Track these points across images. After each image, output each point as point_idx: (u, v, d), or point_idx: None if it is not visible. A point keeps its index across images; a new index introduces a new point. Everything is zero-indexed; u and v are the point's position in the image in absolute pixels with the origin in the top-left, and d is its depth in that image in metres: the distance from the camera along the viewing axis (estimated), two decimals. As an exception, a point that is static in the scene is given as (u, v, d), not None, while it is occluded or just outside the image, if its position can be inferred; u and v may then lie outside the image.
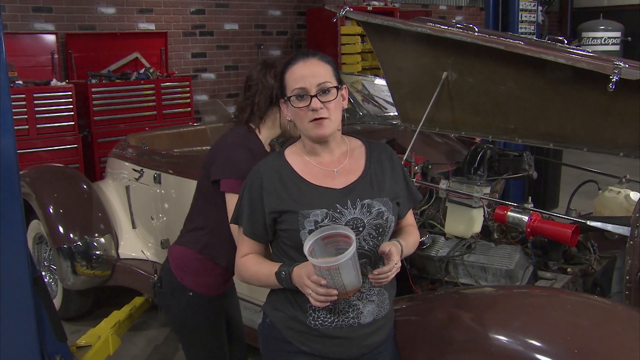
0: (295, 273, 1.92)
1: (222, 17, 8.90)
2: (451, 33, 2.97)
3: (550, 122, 2.96)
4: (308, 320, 2.01)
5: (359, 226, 1.98)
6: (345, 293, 1.86)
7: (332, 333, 2.01)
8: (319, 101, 1.95)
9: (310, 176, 2.04)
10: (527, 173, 3.50)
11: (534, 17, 6.29)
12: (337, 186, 2.02)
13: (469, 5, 12.67)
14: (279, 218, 2.01)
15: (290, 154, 2.10)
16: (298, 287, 1.91)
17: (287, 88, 2.02)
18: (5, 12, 6.95)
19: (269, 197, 2.01)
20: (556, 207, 6.16)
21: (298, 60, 2.02)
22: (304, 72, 1.99)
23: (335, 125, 2.01)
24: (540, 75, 2.82)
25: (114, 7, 7.86)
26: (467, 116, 3.27)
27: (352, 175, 2.06)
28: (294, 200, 1.98)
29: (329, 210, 1.96)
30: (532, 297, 2.25)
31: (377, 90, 4.49)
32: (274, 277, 1.98)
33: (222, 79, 9.04)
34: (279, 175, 2.03)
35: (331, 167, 2.06)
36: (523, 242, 2.94)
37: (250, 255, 2.10)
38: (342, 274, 1.79)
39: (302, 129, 2.03)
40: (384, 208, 2.02)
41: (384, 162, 2.12)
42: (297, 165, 2.06)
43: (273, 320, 2.10)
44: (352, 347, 2.04)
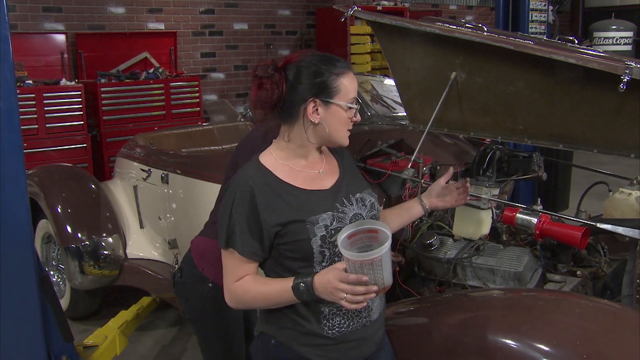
0: (318, 281, 1.82)
1: (232, 16, 8.91)
2: (460, 33, 2.94)
3: (560, 123, 2.93)
4: (324, 331, 1.97)
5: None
6: (384, 287, 1.81)
7: (348, 337, 1.99)
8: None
9: (299, 182, 1.99)
10: (536, 174, 3.47)
11: (545, 17, 6.25)
12: (326, 187, 2.03)
13: (480, 5, 12.62)
14: (282, 231, 1.92)
15: (268, 161, 2.02)
16: (324, 295, 1.82)
17: (340, 94, 1.97)
18: (15, 12, 6.99)
19: (267, 211, 1.91)
20: (566, 208, 6.12)
21: (347, 70, 2.02)
22: (354, 84, 2.02)
23: None
24: (550, 75, 2.79)
25: (123, 6, 7.88)
26: (476, 117, 3.24)
27: (334, 174, 2.09)
28: (296, 209, 1.92)
29: (333, 212, 1.95)
30: (541, 300, 2.23)
31: (385, 91, 4.47)
32: (290, 291, 1.87)
33: (231, 79, 9.04)
34: (269, 186, 1.95)
35: (315, 169, 2.05)
36: (532, 244, 2.91)
37: (246, 277, 1.96)
38: (383, 266, 1.75)
39: (332, 134, 2.00)
40: (373, 199, 2.08)
41: (345, 159, 2.18)
42: (281, 173, 1.99)
43: (282, 340, 2.01)
44: (365, 346, 2.04)
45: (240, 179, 1.97)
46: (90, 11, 7.64)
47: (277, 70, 1.97)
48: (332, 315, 1.96)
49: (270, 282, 1.96)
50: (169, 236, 4.03)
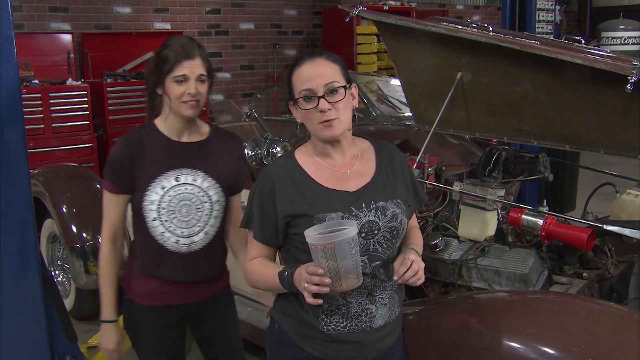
0: (296, 272, 1.87)
1: (238, 16, 8.91)
2: (466, 33, 2.93)
3: (567, 123, 2.91)
4: (320, 326, 1.97)
5: (374, 229, 1.94)
6: (341, 286, 1.78)
7: (345, 338, 1.97)
8: (327, 102, 1.90)
9: (323, 179, 2.00)
10: (543, 175, 3.46)
11: (552, 17, 6.22)
12: (350, 189, 1.99)
13: (487, 5, 12.59)
14: (292, 222, 1.96)
15: (301, 155, 2.06)
16: (297, 285, 1.86)
17: (295, 90, 1.97)
18: (22, 11, 7.00)
19: (282, 201, 1.96)
20: (573, 209, 6.08)
21: (305, 61, 1.97)
22: (310, 73, 1.93)
23: (345, 125, 1.96)
24: (556, 75, 2.77)
25: (129, 6, 7.89)
26: (482, 117, 3.23)
27: (364, 178, 2.02)
28: (309, 204, 1.94)
29: (345, 214, 1.92)
30: (547, 302, 2.21)
31: (391, 91, 4.46)
32: (277, 278, 1.93)
33: (237, 79, 9.04)
34: (292, 178, 1.99)
35: (344, 170, 2.02)
36: (538, 246, 2.90)
37: (257, 259, 2.06)
38: (337, 258, 1.72)
39: (311, 130, 1.99)
40: (398, 210, 1.99)
41: (393, 164, 2.08)
42: (309, 167, 2.02)
43: (283, 327, 2.06)
44: (364, 351, 2.00)
45: (269, 167, 2.10)
46: (97, 11, 7.66)
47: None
48: (331, 312, 1.95)
49: (269, 266, 2.03)
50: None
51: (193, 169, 2.34)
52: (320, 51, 2.02)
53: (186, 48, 2.27)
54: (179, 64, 2.24)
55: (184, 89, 2.24)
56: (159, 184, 2.29)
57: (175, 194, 2.31)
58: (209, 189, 2.35)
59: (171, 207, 2.30)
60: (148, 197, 2.29)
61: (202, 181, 2.34)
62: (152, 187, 2.29)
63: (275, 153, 3.07)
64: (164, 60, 2.26)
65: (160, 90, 2.30)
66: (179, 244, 2.34)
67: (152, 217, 2.31)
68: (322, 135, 1.96)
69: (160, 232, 2.33)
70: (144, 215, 2.31)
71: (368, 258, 1.95)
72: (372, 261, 1.95)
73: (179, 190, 2.31)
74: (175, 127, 2.35)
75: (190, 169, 2.33)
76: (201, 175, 2.34)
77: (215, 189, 2.36)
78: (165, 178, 2.30)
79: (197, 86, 2.26)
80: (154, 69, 2.30)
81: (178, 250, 2.35)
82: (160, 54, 2.29)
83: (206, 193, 2.35)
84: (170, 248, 2.34)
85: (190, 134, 2.39)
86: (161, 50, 2.29)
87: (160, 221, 2.31)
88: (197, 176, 2.33)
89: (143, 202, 2.30)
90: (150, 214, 2.31)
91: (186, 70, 2.24)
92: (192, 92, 2.25)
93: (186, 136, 2.38)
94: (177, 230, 2.34)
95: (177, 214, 2.32)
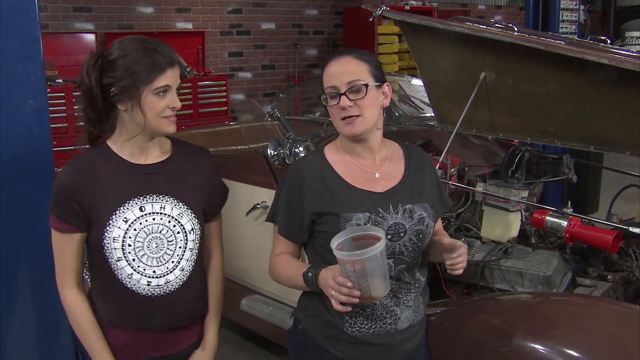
0: (322, 275, 1.85)
1: (259, 16, 8.93)
2: (490, 33, 2.91)
3: (592, 124, 2.88)
4: (345, 327, 1.97)
5: (401, 231, 1.94)
6: (370, 297, 1.77)
7: (370, 340, 1.97)
8: (348, 99, 1.91)
9: (351, 178, 2.00)
10: (566, 176, 3.43)
11: (576, 17, 6.16)
12: (378, 190, 1.99)
13: (509, 5, 12.50)
14: (319, 219, 1.97)
15: (330, 151, 2.06)
16: (322, 288, 1.85)
17: (323, 86, 1.98)
18: (47, 11, 7.08)
19: (310, 198, 1.97)
20: (596, 211, 6.03)
21: (333, 59, 1.98)
22: (335, 70, 1.95)
23: (368, 124, 1.95)
24: (581, 76, 2.75)
25: (152, 6, 7.94)
26: (505, 118, 3.21)
27: (392, 180, 2.02)
28: (337, 203, 1.95)
29: (372, 214, 1.92)
30: (571, 305, 2.19)
31: (413, 91, 4.45)
32: (302, 277, 1.93)
33: (258, 78, 9.06)
34: (321, 175, 1.99)
35: (373, 170, 2.02)
36: (561, 248, 2.88)
37: (282, 255, 2.07)
38: (367, 272, 1.70)
39: (336, 126, 2.01)
40: (425, 214, 1.98)
41: (421, 167, 2.08)
42: (338, 165, 2.02)
43: (307, 327, 2.06)
44: (388, 353, 2.00)
45: (299, 162, 2.11)
46: (120, 11, 7.72)
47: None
48: (356, 314, 1.96)
49: (294, 264, 2.03)
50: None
51: (159, 194, 1.97)
52: (352, 49, 2.00)
53: (167, 53, 1.91)
54: (162, 73, 1.87)
55: (165, 103, 1.89)
56: (120, 216, 1.91)
57: (142, 226, 1.94)
58: (181, 216, 1.99)
59: (138, 243, 1.94)
60: (109, 233, 1.91)
61: (171, 208, 1.98)
62: (112, 221, 1.91)
63: (298, 153, 3.08)
64: (138, 69, 1.85)
65: (127, 105, 1.89)
66: (151, 286, 1.97)
67: (117, 256, 1.93)
68: (343, 132, 1.97)
69: (128, 274, 1.95)
70: (105, 256, 1.93)
71: (393, 261, 1.94)
72: (397, 264, 1.95)
73: (146, 222, 1.95)
74: (137, 147, 1.98)
75: (155, 196, 1.97)
76: (170, 201, 1.98)
77: (187, 216, 2.00)
78: (128, 209, 1.93)
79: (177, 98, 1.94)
80: (117, 79, 1.86)
81: (151, 294, 1.98)
82: (128, 60, 1.86)
83: (178, 222, 1.99)
84: (142, 292, 1.97)
85: (151, 154, 2.01)
86: (127, 56, 1.87)
87: (126, 261, 1.94)
88: (166, 203, 1.97)
89: (104, 239, 1.91)
90: (114, 254, 1.92)
91: (169, 80, 1.89)
92: (178, 106, 1.93)
93: (147, 157, 2.00)
94: (147, 270, 1.96)
95: (145, 250, 1.95)
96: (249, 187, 3.48)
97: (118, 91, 1.87)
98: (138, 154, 1.98)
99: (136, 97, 1.86)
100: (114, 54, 1.87)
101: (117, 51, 1.88)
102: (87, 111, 1.92)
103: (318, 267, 1.91)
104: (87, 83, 1.88)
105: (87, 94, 1.89)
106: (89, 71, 1.87)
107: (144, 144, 1.97)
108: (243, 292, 3.67)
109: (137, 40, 1.91)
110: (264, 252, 3.41)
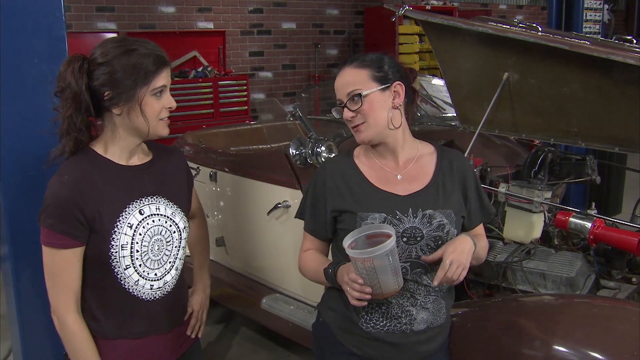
0: (339, 271, 1.91)
1: (280, 16, 8.95)
2: (514, 33, 2.89)
3: (617, 125, 2.85)
4: (360, 323, 2.00)
5: (417, 236, 1.93)
6: (381, 293, 1.82)
7: (384, 338, 1.98)
8: (349, 110, 1.95)
9: (374, 178, 2.02)
10: (590, 177, 3.40)
11: (599, 16, 6.09)
12: (399, 192, 1.99)
13: (530, 4, 12.41)
14: (339, 217, 2.01)
15: (359, 153, 2.10)
16: (340, 283, 1.91)
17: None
18: (70, 12, 7.14)
19: (332, 195, 2.02)
20: (619, 213, 5.96)
21: (339, 70, 2.03)
22: (338, 83, 2.00)
23: (377, 128, 1.96)
24: (606, 76, 2.72)
25: (173, 6, 7.99)
26: (528, 118, 3.19)
27: (417, 183, 2.01)
28: (355, 201, 1.97)
29: (388, 215, 1.93)
30: (595, 307, 2.17)
31: (435, 91, 4.43)
32: (323, 273, 1.99)
33: (279, 78, 9.08)
34: (344, 174, 2.04)
35: (395, 172, 2.03)
36: (585, 249, 2.85)
37: (310, 251, 2.13)
38: (377, 269, 1.74)
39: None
40: (446, 220, 1.96)
41: (455, 172, 2.05)
42: (363, 166, 2.06)
43: (326, 320, 2.11)
44: (403, 353, 2.00)
45: (325, 161, 2.18)
46: (142, 10, 7.77)
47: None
48: (372, 310, 1.97)
49: (318, 260, 2.07)
50: (217, 234, 4.06)
51: (153, 195, 1.94)
52: (355, 57, 2.02)
53: (160, 52, 1.87)
54: (159, 73, 1.83)
55: (162, 103, 1.85)
56: (125, 222, 1.85)
57: (146, 230, 1.90)
58: (174, 215, 1.98)
59: (144, 248, 1.89)
60: (117, 241, 1.83)
61: (165, 208, 1.96)
62: (118, 227, 1.84)
63: (320, 152, 3.07)
64: (135, 70, 1.79)
65: (122, 108, 1.82)
66: (154, 290, 1.95)
67: (125, 264, 1.86)
68: (356, 140, 2.03)
69: (135, 281, 1.89)
70: (112, 266, 1.85)
71: (410, 265, 1.94)
72: (413, 268, 1.95)
73: (147, 225, 1.90)
74: (127, 150, 1.91)
75: (150, 197, 1.93)
76: (162, 201, 1.96)
77: (179, 214, 2.00)
78: (129, 213, 1.87)
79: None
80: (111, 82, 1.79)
81: (154, 298, 1.95)
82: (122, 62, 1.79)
83: (173, 221, 1.98)
84: (146, 297, 1.93)
85: (138, 155, 1.96)
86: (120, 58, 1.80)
87: (134, 268, 1.88)
88: (160, 204, 1.95)
89: (110, 249, 1.83)
90: (122, 262, 1.85)
91: (165, 79, 1.84)
92: (174, 105, 1.88)
93: (135, 158, 1.95)
94: (150, 274, 1.93)
95: (150, 254, 1.91)
96: (270, 187, 3.49)
97: (112, 95, 1.80)
98: (127, 157, 1.92)
99: (134, 100, 1.80)
100: (102, 57, 1.80)
101: (106, 54, 1.80)
102: (72, 118, 1.81)
103: (337, 263, 1.96)
104: (74, 88, 1.78)
105: (75, 99, 1.79)
106: (75, 76, 1.78)
107: (132, 147, 1.92)
108: (264, 290, 3.68)
109: (124, 40, 1.85)
110: (284, 251, 3.45)
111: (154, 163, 2.00)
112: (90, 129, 1.89)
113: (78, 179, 1.82)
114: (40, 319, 2.57)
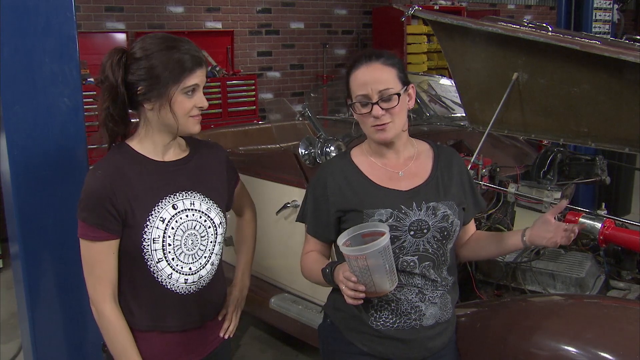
0: (336, 270, 1.91)
1: (288, 15, 8.95)
2: (523, 33, 2.89)
3: (627, 125, 2.84)
4: (370, 321, 2.00)
5: (424, 228, 1.95)
6: (375, 292, 1.81)
7: (394, 335, 1.99)
8: (381, 108, 1.93)
9: (375, 177, 2.04)
10: (599, 178, 3.39)
11: (609, 16, 6.07)
12: (402, 188, 2.01)
13: (539, 4, 12.37)
14: (344, 217, 2.02)
15: (357, 154, 2.11)
16: (337, 282, 1.89)
17: (352, 93, 2.00)
18: (80, 12, 7.17)
19: (334, 196, 2.02)
20: (628, 213, 5.95)
21: (362, 64, 1.98)
22: (366, 78, 1.95)
23: (398, 128, 1.99)
24: (617, 76, 2.71)
25: (182, 6, 8.00)
26: (538, 118, 3.18)
27: (417, 179, 2.04)
28: (359, 200, 1.98)
29: (394, 211, 1.94)
30: (605, 308, 2.16)
31: (443, 91, 4.43)
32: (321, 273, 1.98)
33: (287, 78, 9.08)
34: (345, 174, 2.04)
35: (396, 170, 2.05)
36: (595, 250, 2.84)
37: (311, 253, 2.13)
38: (370, 267, 1.73)
39: (365, 132, 2.04)
40: (450, 211, 1.99)
41: (451, 167, 2.09)
42: (363, 165, 2.07)
43: (334, 320, 2.11)
44: (413, 349, 2.01)
45: (324, 164, 2.17)
46: (150, 10, 7.79)
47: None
48: (381, 308, 1.98)
49: (318, 262, 2.06)
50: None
51: (187, 191, 1.97)
52: (378, 52, 1.99)
53: (195, 52, 1.89)
54: (192, 73, 1.86)
55: (193, 102, 1.88)
56: (157, 216, 1.89)
57: (178, 224, 1.93)
58: (210, 210, 2.01)
59: (177, 242, 1.93)
60: (149, 234, 1.87)
61: (200, 203, 1.98)
62: (150, 221, 1.88)
63: (329, 152, 3.08)
64: (168, 68, 1.83)
65: (154, 104, 1.87)
66: (188, 284, 1.98)
67: (157, 258, 1.90)
68: (375, 138, 2.01)
69: (168, 274, 1.93)
70: (145, 259, 1.89)
71: (418, 258, 1.96)
72: (422, 261, 1.96)
73: (180, 219, 1.94)
74: (161, 145, 1.96)
75: (184, 192, 1.96)
76: (197, 196, 1.98)
77: (215, 210, 2.02)
78: (162, 208, 1.91)
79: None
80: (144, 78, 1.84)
81: (188, 292, 1.99)
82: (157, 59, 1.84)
83: (208, 216, 2.00)
84: (180, 291, 1.97)
85: (172, 151, 2.00)
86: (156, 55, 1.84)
87: (166, 261, 1.92)
88: (194, 199, 1.97)
89: (143, 242, 1.87)
90: (154, 255, 1.89)
91: (198, 79, 1.88)
92: (205, 105, 1.92)
93: (169, 154, 1.99)
94: (184, 268, 1.96)
95: (183, 248, 1.94)
96: (279, 186, 3.49)
97: (145, 90, 1.85)
98: (161, 152, 1.97)
99: (165, 97, 1.84)
100: (141, 52, 1.85)
101: (144, 49, 1.85)
102: (109, 109, 1.87)
103: (335, 262, 1.97)
104: (112, 80, 1.83)
105: (111, 91, 1.84)
106: (113, 68, 1.83)
107: (166, 142, 1.96)
108: (272, 290, 3.69)
109: (164, 38, 1.88)
110: (293, 250, 3.45)
111: (191, 158, 2.03)
112: (127, 123, 1.94)
113: (110, 173, 1.87)
114: (50, 317, 2.59)
